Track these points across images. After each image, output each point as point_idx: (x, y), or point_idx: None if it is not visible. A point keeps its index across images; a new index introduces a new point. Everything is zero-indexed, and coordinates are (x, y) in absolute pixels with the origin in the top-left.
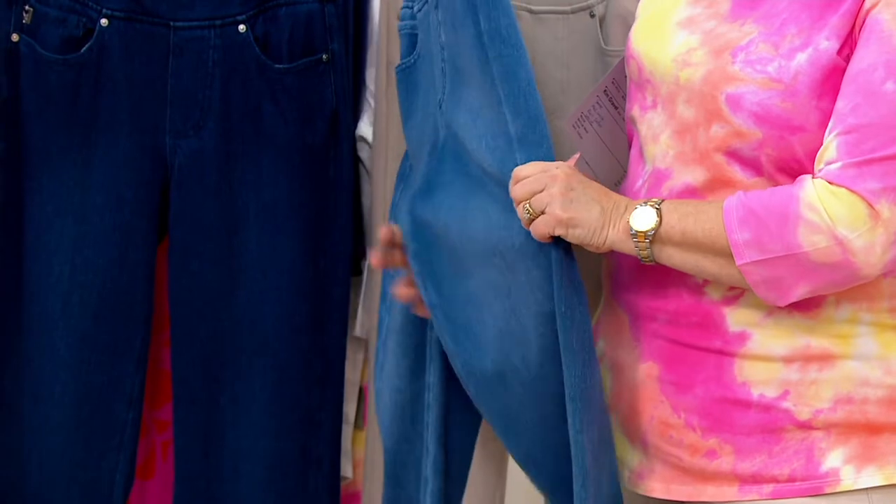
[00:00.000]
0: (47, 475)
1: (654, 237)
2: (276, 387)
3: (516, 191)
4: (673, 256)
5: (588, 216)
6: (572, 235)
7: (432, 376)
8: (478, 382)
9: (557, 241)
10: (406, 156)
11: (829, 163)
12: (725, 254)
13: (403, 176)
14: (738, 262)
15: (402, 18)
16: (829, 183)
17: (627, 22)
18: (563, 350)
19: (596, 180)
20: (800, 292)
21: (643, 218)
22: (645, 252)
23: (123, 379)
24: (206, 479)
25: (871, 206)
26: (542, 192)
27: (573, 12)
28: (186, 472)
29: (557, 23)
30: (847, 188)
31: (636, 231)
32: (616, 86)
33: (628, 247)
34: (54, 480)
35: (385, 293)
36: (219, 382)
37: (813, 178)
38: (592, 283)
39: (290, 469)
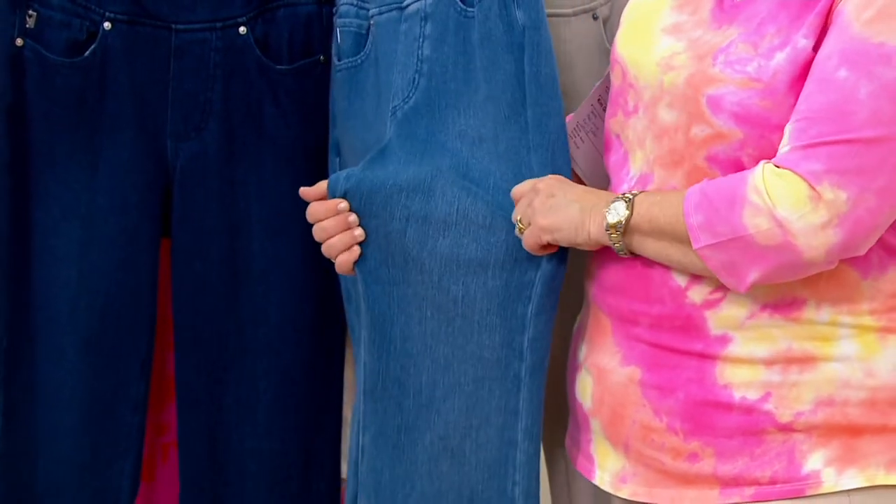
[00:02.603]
0: (55, 480)
1: (625, 229)
2: (280, 388)
3: (514, 213)
4: (645, 246)
5: (567, 217)
6: (559, 239)
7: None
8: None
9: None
10: (333, 153)
11: (781, 147)
12: (685, 240)
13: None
14: (694, 246)
15: (341, 15)
16: (776, 166)
17: None
18: None
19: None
20: (753, 277)
21: (614, 212)
22: (618, 244)
23: (129, 383)
24: (210, 481)
25: (812, 187)
26: (529, 206)
27: (574, 15)
28: (191, 473)
29: (559, 26)
30: (791, 170)
31: (608, 224)
32: (602, 104)
33: (606, 240)
34: (62, 486)
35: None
36: (222, 384)
37: (769, 161)
38: (574, 287)
39: (293, 470)
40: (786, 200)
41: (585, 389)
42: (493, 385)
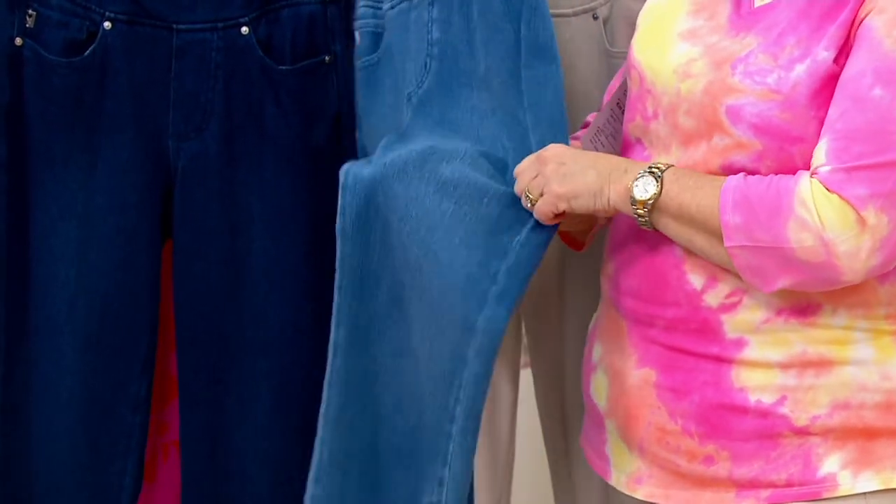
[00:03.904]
0: (55, 480)
1: (652, 206)
2: (281, 388)
3: (517, 186)
4: (669, 226)
5: (585, 183)
6: (576, 207)
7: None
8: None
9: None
10: (362, 156)
11: (819, 166)
12: (716, 233)
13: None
14: (726, 244)
15: (359, 17)
16: (825, 186)
17: (633, 23)
18: None
19: None
20: (781, 284)
21: (644, 187)
22: (643, 219)
23: (130, 382)
24: (212, 481)
25: (858, 212)
26: (536, 177)
27: (575, 15)
28: (193, 474)
29: (559, 26)
30: (838, 194)
31: (634, 199)
32: (621, 107)
33: (627, 210)
34: (62, 485)
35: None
36: (224, 384)
37: (811, 176)
38: (591, 287)
39: (295, 470)
40: (836, 223)
41: (601, 390)
42: (456, 300)
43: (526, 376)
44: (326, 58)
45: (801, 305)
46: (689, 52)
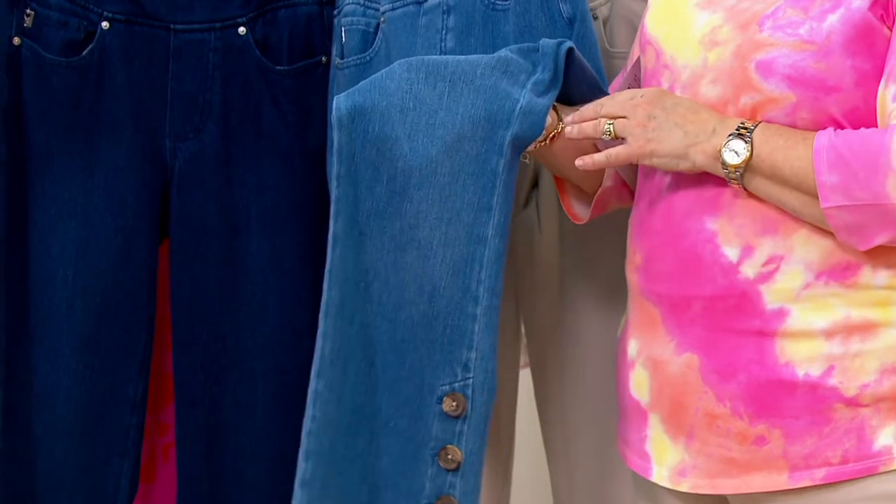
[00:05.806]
0: (52, 481)
1: (745, 169)
2: (278, 389)
3: (602, 109)
4: (760, 186)
5: (669, 145)
6: (658, 165)
7: None
8: None
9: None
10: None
11: None
12: (811, 193)
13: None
14: (822, 205)
15: (346, 14)
16: None
17: (632, 23)
18: None
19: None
20: (880, 240)
21: (734, 151)
22: (735, 182)
23: (127, 383)
24: (208, 482)
25: None
26: (625, 118)
27: None
28: (189, 474)
29: None
30: None
31: (726, 163)
32: (638, 82)
33: (717, 171)
34: (59, 486)
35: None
36: (220, 385)
37: None
38: (590, 286)
39: (292, 471)
40: None
41: (642, 385)
42: (468, 180)
43: (526, 376)
44: (323, 58)
45: (841, 266)
46: (711, 19)
